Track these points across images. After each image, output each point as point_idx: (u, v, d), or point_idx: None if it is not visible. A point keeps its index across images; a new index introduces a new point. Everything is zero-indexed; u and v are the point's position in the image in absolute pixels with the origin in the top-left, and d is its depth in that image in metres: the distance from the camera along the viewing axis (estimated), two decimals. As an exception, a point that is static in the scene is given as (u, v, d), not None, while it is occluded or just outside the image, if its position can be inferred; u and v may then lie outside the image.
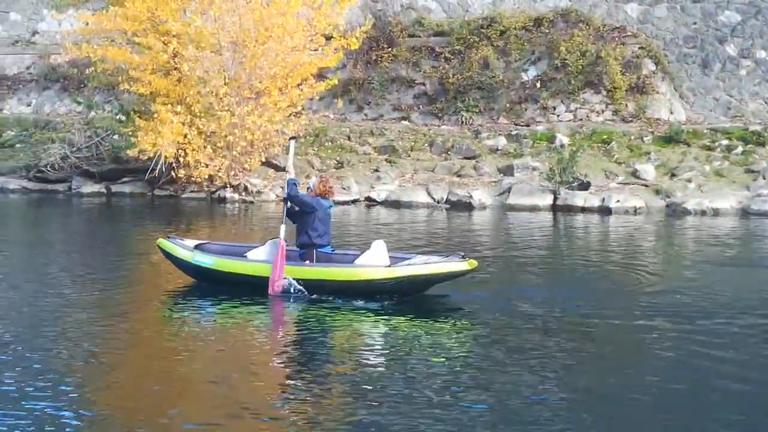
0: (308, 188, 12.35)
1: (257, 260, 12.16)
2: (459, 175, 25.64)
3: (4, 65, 35.81)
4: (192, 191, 25.37)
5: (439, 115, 29.50)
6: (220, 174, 24.69)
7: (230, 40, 24.29)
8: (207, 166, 24.28)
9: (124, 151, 25.44)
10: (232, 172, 24.98)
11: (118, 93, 28.76)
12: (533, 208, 23.06)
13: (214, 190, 25.25)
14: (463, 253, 11.83)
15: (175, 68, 24.45)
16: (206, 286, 12.24)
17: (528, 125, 28.26)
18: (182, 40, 24.14)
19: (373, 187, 25.04)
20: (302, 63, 24.96)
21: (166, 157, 23.78)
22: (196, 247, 12.62)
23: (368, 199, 24.53)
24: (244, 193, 24.93)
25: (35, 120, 31.93)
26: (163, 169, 24.28)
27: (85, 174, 26.86)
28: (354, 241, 17.33)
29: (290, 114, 25.45)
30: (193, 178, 24.60)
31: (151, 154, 23.72)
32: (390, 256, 11.86)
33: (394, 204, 23.96)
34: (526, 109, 28.89)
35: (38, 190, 26.73)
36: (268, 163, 26.18)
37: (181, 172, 24.39)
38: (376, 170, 26.16)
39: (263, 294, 11.51)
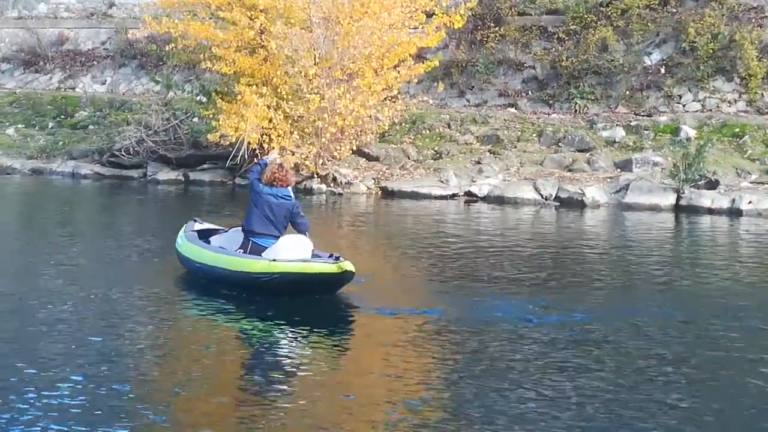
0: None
1: (213, 248, 12.67)
2: (570, 170, 25.45)
3: (78, 40, 36.67)
4: (276, 181, 25.54)
5: (550, 102, 29.29)
6: (307, 162, 24.84)
7: (322, 16, 24.45)
8: (293, 153, 24.45)
9: (204, 136, 25.81)
10: (321, 161, 25.16)
11: (199, 72, 29.24)
12: (653, 208, 22.76)
13: (300, 180, 25.43)
14: (338, 255, 11.56)
15: (262, 46, 24.70)
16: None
17: (650, 115, 27.85)
18: (270, 15, 24.40)
19: (474, 181, 24.97)
20: (400, 42, 25.00)
21: (249, 142, 23.99)
22: (202, 231, 13.42)
23: (468, 193, 24.47)
24: (332, 184, 25.08)
25: (110, 100, 32.61)
26: (246, 156, 24.49)
27: (162, 159, 27.30)
28: (448, 241, 17.40)
29: (385, 98, 25.50)
30: (277, 167, 24.77)
31: (233, 140, 23.93)
32: (314, 253, 11.88)
33: (497, 200, 23.86)
34: (647, 98, 28.47)
35: (111, 176, 27.26)
36: (359, 152, 26.31)
37: (265, 160, 24.56)
38: (478, 162, 26.09)
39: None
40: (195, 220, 13.93)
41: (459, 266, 14.80)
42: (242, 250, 12.20)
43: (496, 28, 30.30)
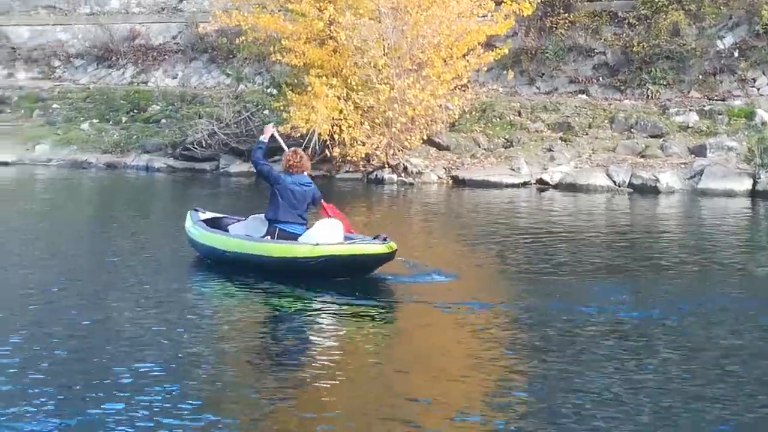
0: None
1: (236, 235, 12.93)
2: (643, 156, 25.16)
3: (149, 35, 36.94)
4: (347, 171, 25.65)
5: (622, 88, 28.96)
6: (377, 153, 24.85)
7: (391, 6, 24.39)
8: (364, 144, 24.46)
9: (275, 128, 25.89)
10: (391, 151, 25.14)
11: (269, 64, 29.33)
12: (728, 194, 22.44)
13: (370, 170, 25.47)
14: (385, 236, 11.93)
15: (331, 37, 24.72)
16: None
17: (723, 99, 27.46)
18: (339, 6, 24.40)
19: (545, 169, 24.82)
20: (469, 31, 24.90)
21: (319, 134, 24.07)
22: (209, 220, 13.68)
23: (540, 181, 24.32)
24: (403, 174, 25.06)
25: (181, 93, 32.87)
26: (317, 148, 24.58)
27: (234, 152, 27.48)
28: (523, 230, 17.32)
29: (455, 87, 25.40)
30: (348, 157, 24.83)
31: (304, 131, 24.02)
32: (346, 236, 12.31)
33: (569, 187, 23.69)
34: (721, 82, 28.07)
35: (184, 169, 27.52)
36: (429, 141, 26.25)
37: (336, 151, 24.61)
38: (550, 150, 25.90)
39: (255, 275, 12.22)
40: (197, 210, 14.10)
41: (538, 255, 14.48)
42: (269, 237, 12.51)
43: (566, 15, 30.06)
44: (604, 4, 30.28)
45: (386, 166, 25.21)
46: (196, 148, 27.69)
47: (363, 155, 24.76)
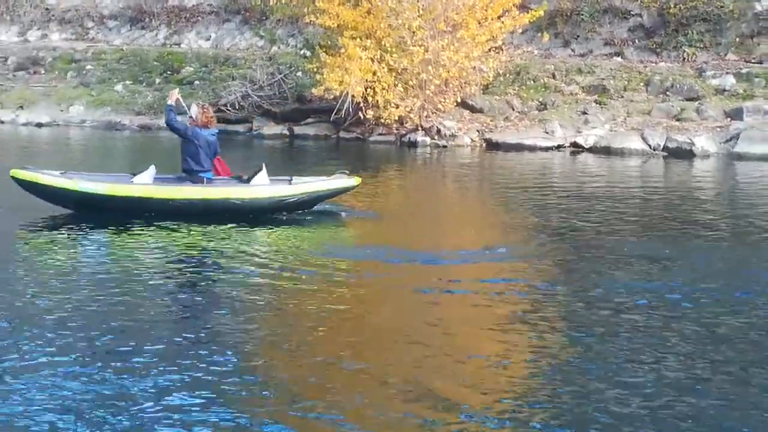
0: (190, 117, 14.08)
1: (147, 184, 13.67)
2: (679, 119, 24.99)
3: (182, -4, 36.99)
4: (380, 134, 25.64)
5: (657, 50, 28.73)
6: (411, 115, 24.79)
7: (425, -33, 24.30)
8: (397, 106, 24.41)
9: (308, 90, 25.93)
10: (425, 114, 25.09)
11: (302, 26, 29.31)
12: (765, 158, 22.23)
13: (404, 133, 25.42)
14: (348, 171, 14.51)
15: (365, -2, 24.67)
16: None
17: (761, 62, 27.18)
18: (373, -33, 24.33)
19: (579, 132, 24.71)
20: (504, -8, 24.79)
21: (353, 96, 24.02)
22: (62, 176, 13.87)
23: (574, 144, 24.23)
24: (436, 137, 25.02)
25: (214, 55, 32.89)
26: (350, 110, 24.54)
27: (267, 114, 27.54)
28: (555, 194, 17.21)
29: (489, 49, 25.30)
30: (381, 120, 24.77)
31: (338, 93, 24.00)
32: (270, 178, 13.99)
33: (603, 150, 23.59)
34: (758, 44, 27.76)
35: (218, 131, 27.47)
36: (463, 104, 26.17)
37: (369, 113, 24.55)
38: (584, 112, 25.77)
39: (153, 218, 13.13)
40: (28, 168, 13.87)
41: (578, 222, 14.15)
42: (200, 185, 13.66)
43: (602, -24, 29.83)
44: (640, -35, 30.02)
45: (419, 128, 25.16)
46: (229, 110, 27.75)
47: (396, 118, 24.70)
